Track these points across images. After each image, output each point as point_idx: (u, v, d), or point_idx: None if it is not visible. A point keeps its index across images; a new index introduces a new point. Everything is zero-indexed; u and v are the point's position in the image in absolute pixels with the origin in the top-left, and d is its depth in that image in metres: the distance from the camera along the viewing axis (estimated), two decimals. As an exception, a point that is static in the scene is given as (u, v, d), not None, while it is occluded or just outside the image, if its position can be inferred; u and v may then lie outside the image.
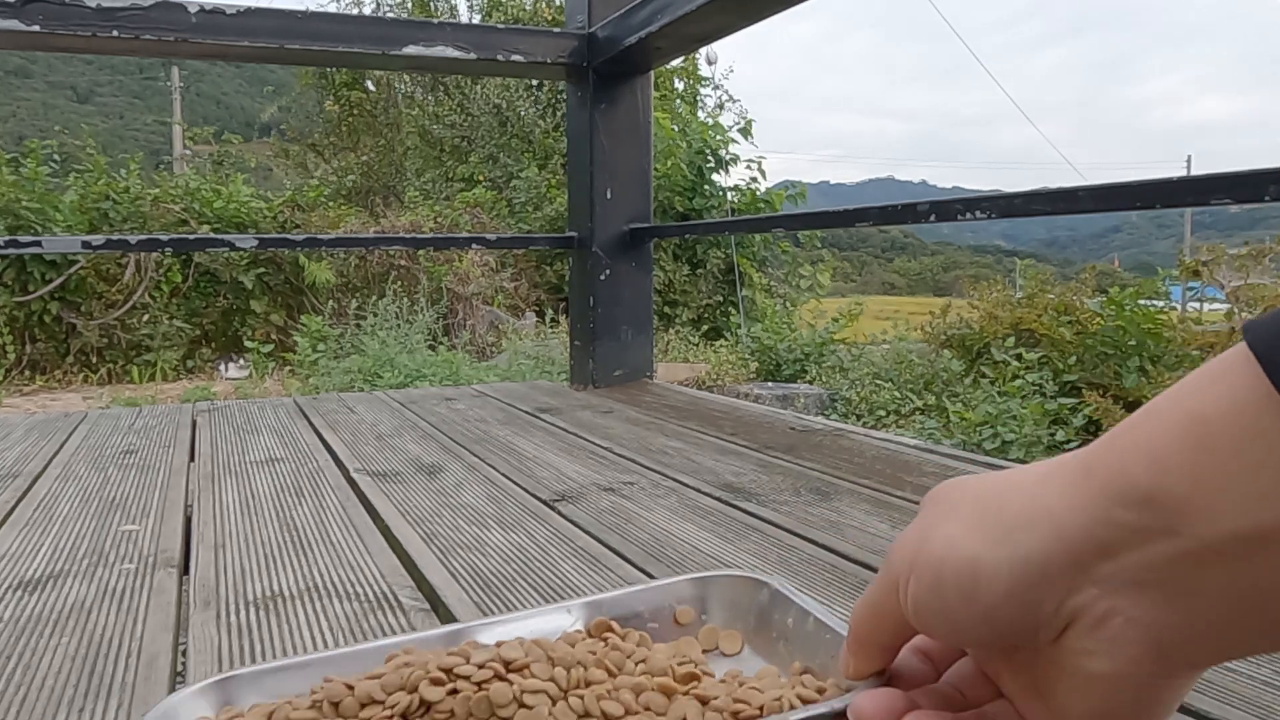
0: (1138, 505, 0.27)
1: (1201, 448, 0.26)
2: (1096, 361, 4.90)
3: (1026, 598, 0.29)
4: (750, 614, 0.53)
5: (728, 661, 0.52)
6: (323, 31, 1.66)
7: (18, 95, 51.92)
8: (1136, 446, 0.27)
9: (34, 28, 1.45)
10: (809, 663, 0.47)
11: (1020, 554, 0.29)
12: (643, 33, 1.64)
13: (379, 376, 5.53)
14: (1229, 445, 0.25)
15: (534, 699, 0.41)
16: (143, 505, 1.00)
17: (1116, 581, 0.28)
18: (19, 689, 0.56)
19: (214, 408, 1.69)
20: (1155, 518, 0.26)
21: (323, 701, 0.41)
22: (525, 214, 9.38)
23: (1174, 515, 0.26)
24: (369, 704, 0.41)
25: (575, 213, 1.98)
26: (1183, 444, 0.26)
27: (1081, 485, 0.29)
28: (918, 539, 0.33)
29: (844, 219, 1.50)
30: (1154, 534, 0.26)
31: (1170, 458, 0.26)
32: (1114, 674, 0.28)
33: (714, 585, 0.56)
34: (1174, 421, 0.27)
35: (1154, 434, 0.27)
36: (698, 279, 8.82)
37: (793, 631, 0.49)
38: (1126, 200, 0.97)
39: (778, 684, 0.46)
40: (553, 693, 0.43)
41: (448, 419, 1.55)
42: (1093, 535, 0.28)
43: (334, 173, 11.91)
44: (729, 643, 0.52)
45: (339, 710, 0.41)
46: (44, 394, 6.74)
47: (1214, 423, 0.25)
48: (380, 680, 0.42)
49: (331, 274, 7.93)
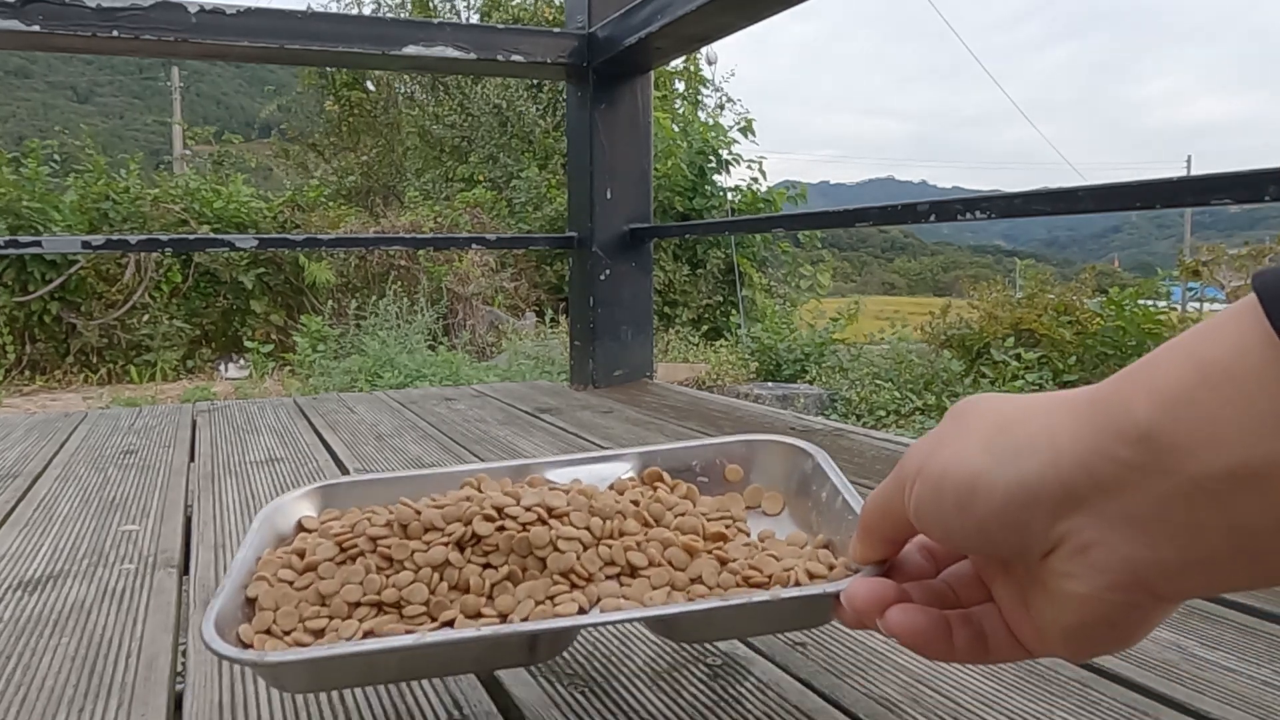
0: (1135, 441, 0.28)
1: (1203, 386, 0.26)
2: (1096, 362, 4.91)
3: (1017, 517, 0.31)
4: (793, 479, 0.55)
5: (767, 521, 0.54)
6: (323, 31, 1.66)
7: (18, 95, 51.93)
8: (1141, 384, 0.28)
9: (34, 28, 1.45)
10: (832, 537, 0.50)
11: (1017, 476, 0.31)
12: (643, 33, 1.64)
13: (379, 376, 5.54)
14: (1229, 385, 0.26)
15: (567, 545, 0.46)
16: (143, 505, 1.00)
17: (1105, 515, 0.29)
18: (19, 689, 0.56)
19: (214, 408, 1.69)
20: (1151, 455, 0.27)
21: (394, 521, 0.48)
22: (525, 214, 9.38)
23: (1169, 454, 0.27)
24: (430, 529, 0.47)
25: (575, 213, 1.98)
26: (1185, 383, 0.27)
27: (1085, 417, 0.30)
28: (930, 447, 0.35)
29: (844, 219, 1.50)
30: (1148, 471, 0.27)
31: (1172, 395, 0.27)
32: (1089, 596, 0.30)
33: (763, 448, 0.59)
34: (1179, 362, 0.27)
35: (1159, 373, 0.28)
36: (698, 279, 8.82)
37: (824, 505, 0.52)
38: (1126, 200, 0.97)
39: (797, 554, 0.48)
40: (585, 540, 0.47)
41: (448, 419, 1.55)
42: (1088, 468, 0.29)
43: (334, 173, 11.92)
44: (771, 503, 0.55)
45: (407, 531, 0.47)
46: (44, 394, 6.74)
47: (1217, 364, 0.26)
48: (442, 511, 0.48)
49: (331, 274, 7.93)
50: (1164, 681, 0.55)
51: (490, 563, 0.46)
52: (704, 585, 0.46)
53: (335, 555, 0.47)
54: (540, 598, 0.44)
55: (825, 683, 0.55)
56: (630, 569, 0.47)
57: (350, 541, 0.47)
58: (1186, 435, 0.26)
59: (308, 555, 0.47)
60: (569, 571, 0.45)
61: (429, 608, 0.44)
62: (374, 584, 0.45)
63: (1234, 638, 0.62)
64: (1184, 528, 0.27)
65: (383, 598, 0.44)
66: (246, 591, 0.45)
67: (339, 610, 0.44)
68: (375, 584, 0.45)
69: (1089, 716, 0.51)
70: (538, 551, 0.46)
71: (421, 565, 0.45)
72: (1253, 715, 0.51)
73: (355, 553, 0.47)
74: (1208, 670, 0.57)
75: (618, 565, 0.46)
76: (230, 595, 0.44)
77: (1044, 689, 0.54)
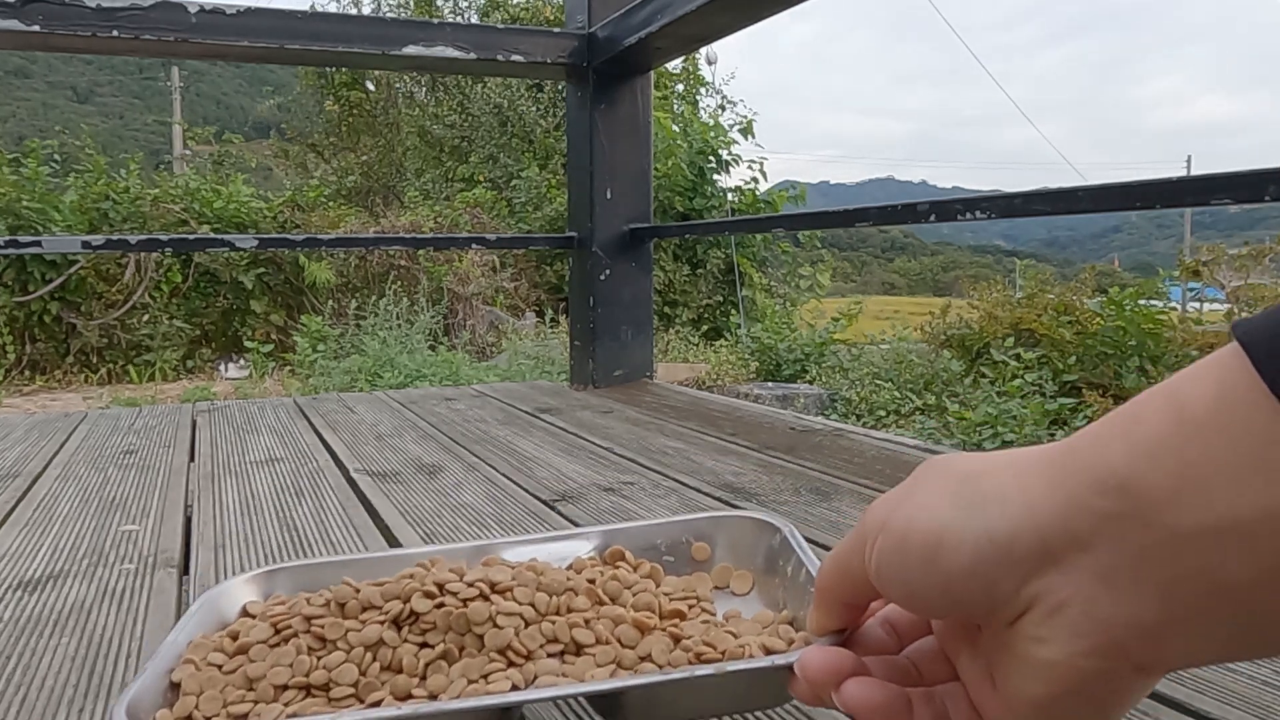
0: (1114, 492, 0.26)
1: (1183, 436, 0.25)
2: (1096, 361, 4.91)
3: (986, 574, 0.29)
4: (760, 556, 0.53)
5: (736, 601, 0.52)
6: (322, 31, 1.66)
7: (18, 95, 51.92)
8: (1119, 431, 0.27)
9: (34, 28, 1.45)
10: (797, 613, 0.48)
11: (985, 528, 0.29)
12: (643, 33, 1.64)
13: (379, 376, 5.54)
14: (1210, 435, 0.25)
15: (506, 620, 0.44)
16: (143, 505, 1.00)
17: (1081, 571, 0.27)
18: (19, 689, 0.56)
19: (214, 408, 1.69)
20: (1130, 505, 0.26)
21: (332, 601, 0.47)
22: (525, 214, 9.38)
23: (1149, 504, 0.26)
24: (369, 608, 0.46)
25: (575, 213, 1.98)
26: (1165, 432, 0.26)
27: (1061, 466, 0.28)
28: (894, 501, 0.33)
29: (844, 219, 1.50)
30: (1126, 523, 0.26)
31: (1151, 442, 0.26)
32: (1062, 663, 0.28)
33: (730, 524, 0.57)
34: (1158, 410, 0.26)
35: (1138, 422, 0.27)
36: (698, 279, 8.82)
37: (790, 579, 0.50)
38: (1126, 200, 0.97)
39: (757, 630, 0.46)
40: (528, 616, 0.45)
41: (448, 419, 1.55)
42: (1065, 520, 0.27)
43: (334, 173, 11.92)
44: (740, 583, 0.53)
45: (344, 610, 0.46)
46: (44, 394, 6.74)
47: (1198, 412, 0.25)
48: (382, 589, 0.47)
49: (331, 274, 7.93)
50: (1164, 681, 0.55)
51: (427, 641, 0.44)
52: (653, 664, 0.44)
53: (269, 637, 0.46)
54: (474, 676, 0.43)
55: None
56: (576, 647, 0.45)
57: (285, 622, 0.46)
58: (1166, 484, 0.25)
59: (241, 637, 0.46)
60: (506, 648, 0.44)
61: (358, 689, 0.43)
62: (303, 665, 0.43)
63: (1234, 638, 0.62)
64: (1164, 584, 0.26)
65: (311, 680, 0.43)
66: (171, 675, 0.44)
67: (265, 694, 0.43)
68: (304, 665, 0.43)
69: (1089, 716, 0.51)
70: (476, 628, 0.44)
71: (355, 645, 0.44)
72: (1252, 715, 0.51)
73: (289, 634, 0.45)
74: (1208, 670, 0.57)
75: (561, 642, 0.44)
76: (151, 678, 0.43)
77: (1044, 689, 0.54)
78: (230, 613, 0.50)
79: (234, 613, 0.50)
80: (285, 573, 0.53)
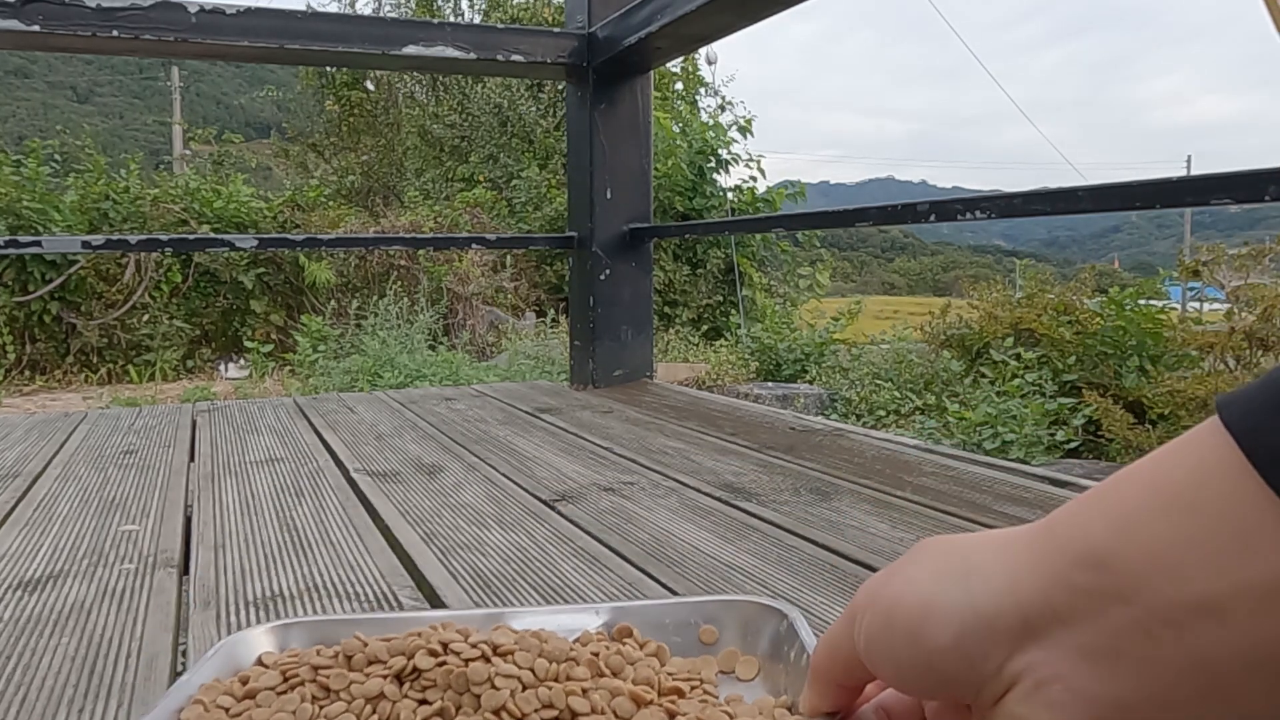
0: (1093, 568, 0.26)
1: (1159, 511, 0.25)
2: (1096, 361, 4.91)
3: (971, 650, 0.29)
4: (766, 642, 0.54)
5: (740, 686, 0.53)
6: (322, 31, 1.66)
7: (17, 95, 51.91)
8: (1098, 508, 0.27)
9: (34, 28, 1.45)
10: (797, 697, 0.49)
11: (969, 603, 0.29)
12: (642, 33, 1.64)
13: (379, 376, 5.53)
14: (1189, 511, 0.25)
15: (504, 682, 0.46)
16: (142, 505, 1.00)
17: (1062, 647, 0.27)
18: (19, 689, 0.56)
19: (214, 408, 1.69)
20: (1109, 582, 0.26)
21: (340, 653, 0.49)
22: (525, 214, 9.38)
23: (1128, 580, 0.26)
24: (374, 662, 0.48)
25: (575, 213, 1.98)
26: (1143, 507, 0.26)
27: (1043, 543, 0.29)
28: (883, 579, 0.33)
29: (844, 219, 1.50)
30: (1106, 599, 0.26)
31: (1129, 519, 0.26)
32: None
33: (738, 609, 0.57)
34: (1139, 485, 0.27)
35: (1118, 497, 0.27)
36: (697, 279, 8.82)
37: (792, 664, 0.51)
38: (1126, 200, 0.97)
39: (754, 714, 0.47)
40: (527, 680, 0.46)
41: (448, 419, 1.55)
42: (1046, 595, 0.28)
43: (334, 172, 11.91)
44: (746, 668, 0.54)
45: (350, 663, 0.48)
46: (44, 394, 6.74)
47: (1177, 488, 0.25)
48: (388, 644, 0.49)
49: (331, 274, 7.92)
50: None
51: (426, 698, 0.46)
52: None
53: (277, 684, 0.48)
54: None
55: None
56: (571, 714, 0.46)
57: (293, 671, 0.48)
58: (1144, 561, 0.25)
59: (250, 683, 0.48)
60: (501, 709, 0.45)
61: None
62: (305, 713, 0.46)
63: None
64: (1143, 662, 0.26)
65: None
66: (181, 714, 0.46)
67: None
68: (306, 713, 0.46)
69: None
70: (475, 688, 0.46)
71: (356, 696, 0.46)
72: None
73: (296, 682, 0.48)
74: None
75: (556, 708, 0.45)
76: (161, 714, 0.45)
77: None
78: (246, 661, 0.53)
79: (249, 661, 0.53)
80: (302, 627, 0.56)
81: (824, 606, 0.68)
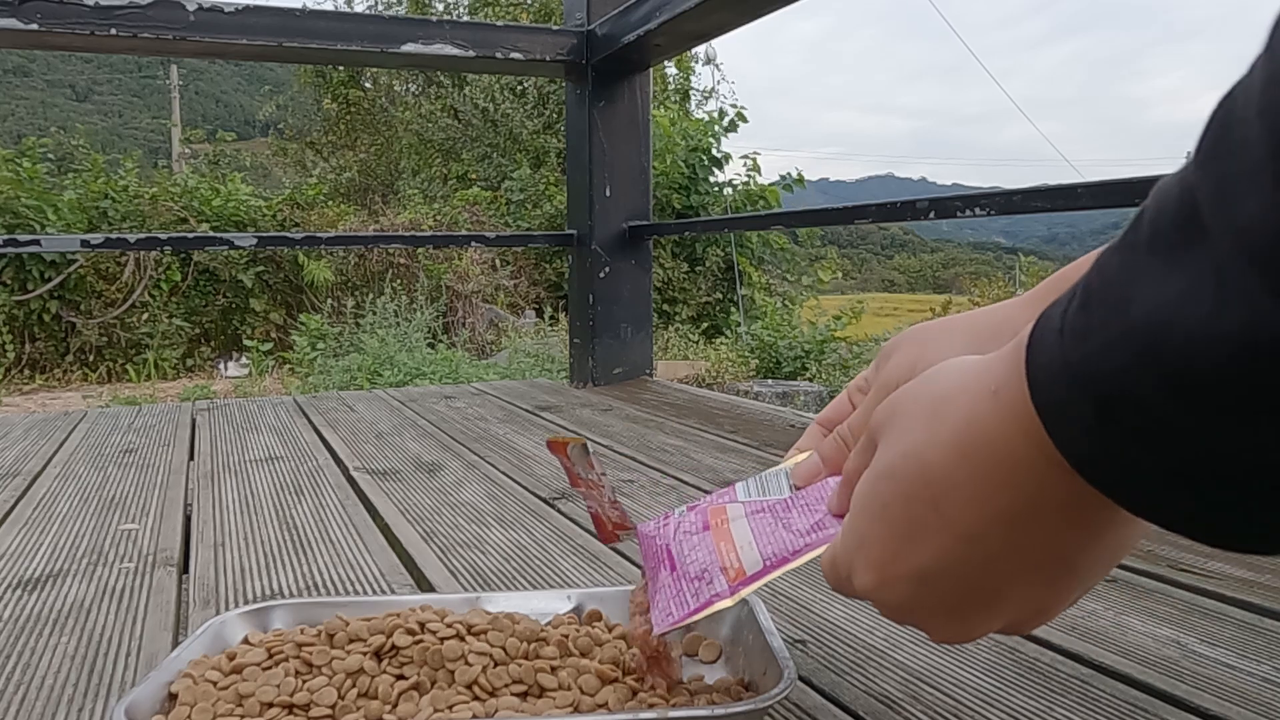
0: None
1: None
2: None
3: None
4: (728, 626, 0.56)
5: (703, 668, 0.55)
6: (321, 29, 1.66)
7: (16, 94, 51.85)
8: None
9: (32, 26, 1.45)
10: (753, 677, 0.52)
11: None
12: (641, 30, 1.64)
13: (378, 375, 5.53)
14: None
15: (477, 659, 0.49)
16: (142, 504, 1.00)
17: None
18: (19, 688, 0.56)
19: (213, 406, 1.69)
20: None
21: (323, 632, 0.52)
22: (523, 212, 9.37)
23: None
24: (355, 640, 0.51)
25: (574, 210, 1.98)
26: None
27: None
28: (909, 342, 0.42)
29: (843, 216, 1.50)
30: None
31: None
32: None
33: None
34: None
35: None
36: (696, 276, 8.81)
37: (751, 648, 0.53)
38: (1126, 197, 0.97)
39: (710, 691, 0.50)
40: (498, 657, 0.49)
41: (447, 417, 1.54)
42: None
43: (332, 170, 11.89)
44: (708, 651, 0.56)
45: (333, 641, 0.51)
46: (43, 393, 6.73)
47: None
48: (369, 624, 0.51)
49: (330, 272, 7.92)
50: (1164, 678, 0.55)
51: (404, 673, 0.49)
52: (607, 710, 0.47)
53: (262, 660, 0.50)
54: (441, 706, 0.46)
55: (825, 680, 0.55)
56: (539, 689, 0.48)
57: (278, 648, 0.51)
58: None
59: (237, 658, 0.50)
60: (473, 683, 0.48)
61: (334, 711, 0.47)
62: (289, 686, 0.48)
63: (1234, 634, 0.62)
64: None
65: (294, 700, 0.47)
66: (170, 687, 0.48)
67: (252, 710, 0.47)
68: (290, 686, 0.48)
69: (1089, 713, 0.51)
70: (449, 664, 0.48)
71: (337, 671, 0.48)
72: (1252, 712, 0.51)
73: (281, 658, 0.50)
74: (1207, 667, 0.57)
75: (525, 684, 0.48)
76: (151, 687, 0.47)
77: (1044, 686, 0.54)
78: (232, 640, 0.54)
79: (236, 640, 0.54)
80: (287, 608, 0.58)
81: (805, 595, 0.68)
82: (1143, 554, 0.79)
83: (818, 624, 0.64)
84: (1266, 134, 0.19)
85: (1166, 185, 0.22)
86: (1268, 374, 0.20)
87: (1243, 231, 0.19)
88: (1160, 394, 0.22)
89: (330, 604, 0.58)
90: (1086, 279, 0.24)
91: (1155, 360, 0.21)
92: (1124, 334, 0.22)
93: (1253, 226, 0.19)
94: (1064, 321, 0.25)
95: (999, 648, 0.60)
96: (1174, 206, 0.22)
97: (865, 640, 0.61)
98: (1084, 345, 0.24)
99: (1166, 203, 0.22)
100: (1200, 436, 0.21)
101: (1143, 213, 0.23)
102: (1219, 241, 0.20)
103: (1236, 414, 0.20)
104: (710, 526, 0.47)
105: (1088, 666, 0.57)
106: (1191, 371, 0.21)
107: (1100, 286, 0.24)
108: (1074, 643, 0.60)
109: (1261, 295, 0.19)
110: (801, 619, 0.65)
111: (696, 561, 0.45)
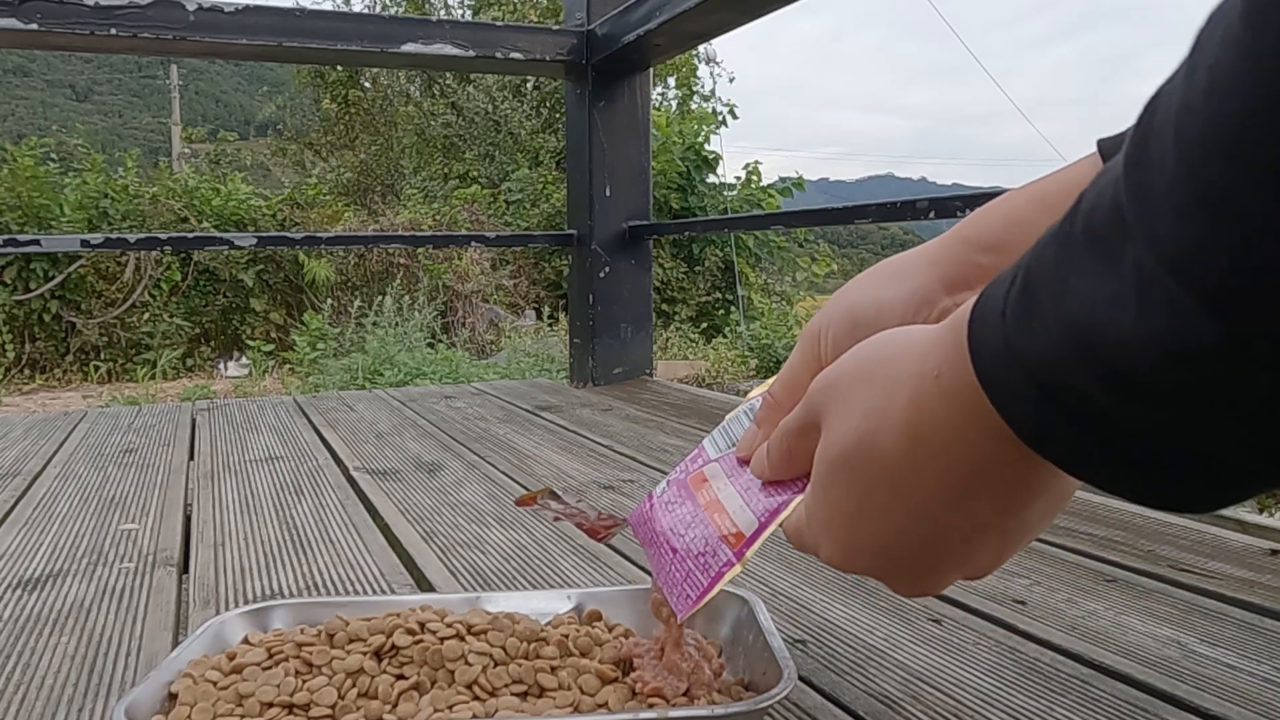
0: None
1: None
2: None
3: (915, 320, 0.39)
4: (727, 627, 0.56)
5: None
6: (321, 29, 1.66)
7: (16, 94, 51.85)
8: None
9: (32, 26, 1.45)
10: (753, 678, 0.51)
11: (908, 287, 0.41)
12: (641, 30, 1.64)
13: (378, 375, 5.53)
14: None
15: (476, 659, 0.49)
16: (142, 504, 1.00)
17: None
18: (19, 688, 0.56)
19: (214, 406, 1.69)
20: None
21: (323, 632, 0.51)
22: (523, 212, 9.36)
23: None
24: (355, 640, 0.51)
25: (574, 210, 1.98)
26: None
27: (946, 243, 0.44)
28: (833, 300, 0.43)
29: (843, 216, 1.50)
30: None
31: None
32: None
33: None
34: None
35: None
36: (695, 276, 8.81)
37: (751, 648, 0.53)
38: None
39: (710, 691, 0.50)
40: (498, 657, 0.49)
41: (447, 417, 1.54)
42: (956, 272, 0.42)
43: (331, 170, 11.89)
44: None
45: (333, 640, 0.51)
46: (44, 393, 6.73)
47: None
48: (369, 624, 0.51)
49: (331, 272, 7.91)
50: (1164, 678, 0.55)
51: (404, 673, 0.48)
52: (607, 710, 0.47)
53: (263, 660, 0.50)
54: (441, 706, 0.46)
55: (825, 680, 0.55)
56: (539, 689, 0.48)
57: (278, 648, 0.51)
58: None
59: (237, 658, 0.50)
60: (473, 683, 0.48)
61: (334, 711, 0.47)
62: (289, 686, 0.48)
63: (1234, 634, 0.62)
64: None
65: (294, 700, 0.47)
66: (170, 687, 0.48)
67: (252, 710, 0.46)
68: (290, 686, 0.48)
69: (1089, 713, 0.51)
70: (449, 664, 0.48)
71: (338, 671, 0.48)
72: (1252, 712, 0.51)
73: (281, 658, 0.50)
74: (1208, 667, 0.57)
75: (525, 684, 0.48)
76: (152, 686, 0.47)
77: (1044, 686, 0.54)
78: (232, 640, 0.54)
79: (236, 640, 0.54)
80: (287, 608, 0.58)
81: (805, 595, 0.68)
82: (1143, 554, 0.79)
83: (818, 624, 0.64)
84: (1178, 160, 0.19)
85: (1105, 176, 0.23)
86: (1200, 376, 0.20)
87: (1161, 242, 0.20)
88: (1098, 386, 0.23)
89: (330, 604, 0.58)
90: (1027, 263, 0.25)
91: (1093, 356, 0.22)
92: (1062, 327, 0.23)
93: (1168, 243, 0.20)
94: (1006, 304, 0.25)
95: (999, 648, 0.60)
96: (1106, 203, 0.22)
97: (865, 640, 0.61)
98: (1025, 331, 0.25)
99: (1102, 197, 0.22)
100: (1139, 426, 0.23)
101: (1081, 200, 0.24)
102: (1142, 246, 0.21)
103: (1172, 409, 0.22)
104: (696, 495, 0.46)
105: (1088, 666, 0.57)
106: (1127, 371, 0.22)
107: (1038, 273, 0.24)
108: (1074, 643, 0.60)
109: (1186, 301, 0.20)
110: (801, 619, 0.65)
111: (696, 538, 0.44)
